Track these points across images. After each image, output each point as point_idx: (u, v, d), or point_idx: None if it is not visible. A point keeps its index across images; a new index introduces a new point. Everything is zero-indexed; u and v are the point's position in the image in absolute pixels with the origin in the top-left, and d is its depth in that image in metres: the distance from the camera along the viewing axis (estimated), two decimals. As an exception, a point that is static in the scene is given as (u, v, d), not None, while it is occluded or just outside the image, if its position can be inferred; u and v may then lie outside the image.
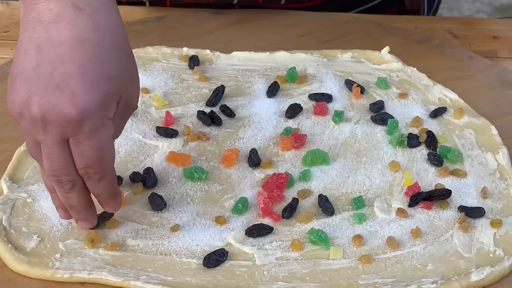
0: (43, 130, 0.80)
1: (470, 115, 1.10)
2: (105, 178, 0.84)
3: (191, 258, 0.89)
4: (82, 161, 0.82)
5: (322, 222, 0.94)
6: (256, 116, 1.10)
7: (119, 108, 0.84)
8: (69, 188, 0.84)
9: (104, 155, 0.83)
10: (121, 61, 0.84)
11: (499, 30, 1.32)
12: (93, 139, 0.81)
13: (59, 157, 0.82)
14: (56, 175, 0.83)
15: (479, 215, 0.94)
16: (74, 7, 0.80)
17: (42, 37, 0.80)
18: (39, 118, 0.79)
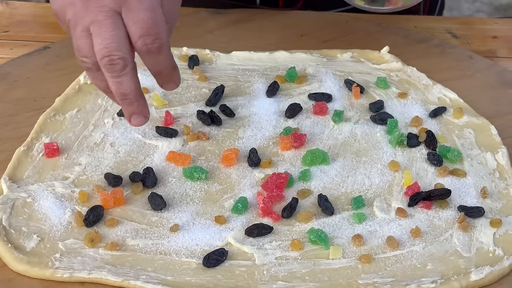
0: (96, 6, 0.82)
1: (469, 115, 1.10)
2: (163, 46, 0.84)
3: (190, 257, 0.89)
4: (138, 28, 0.83)
5: (322, 221, 0.94)
6: (256, 115, 1.10)
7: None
8: (120, 67, 0.83)
9: (158, 17, 0.83)
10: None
11: (499, 29, 1.32)
12: (144, 2, 0.82)
13: (113, 29, 0.82)
14: (108, 51, 0.82)
15: (479, 215, 0.94)
16: None
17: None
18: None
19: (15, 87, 1.15)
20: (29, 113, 1.10)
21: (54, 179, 0.99)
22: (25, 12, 1.35)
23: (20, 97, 1.13)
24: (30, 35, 1.29)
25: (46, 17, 1.34)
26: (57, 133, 1.06)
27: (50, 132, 1.06)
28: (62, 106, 1.10)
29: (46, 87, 1.15)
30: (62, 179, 0.99)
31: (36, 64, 1.20)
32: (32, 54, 1.22)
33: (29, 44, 1.26)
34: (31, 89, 1.15)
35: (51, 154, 1.02)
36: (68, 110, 1.10)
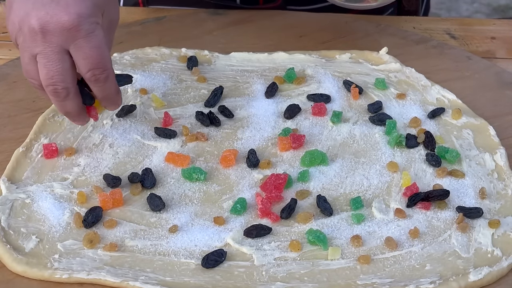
0: (43, 41, 0.90)
1: (468, 116, 1.10)
2: (110, 76, 0.94)
3: (189, 258, 0.89)
4: (87, 63, 0.92)
5: (321, 222, 0.94)
6: (255, 116, 1.10)
7: (104, 21, 0.95)
8: (64, 96, 0.93)
9: (104, 52, 0.93)
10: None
11: (497, 30, 1.32)
12: (91, 40, 0.91)
13: (57, 63, 0.91)
14: (53, 83, 0.92)
15: (477, 216, 0.94)
16: None
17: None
18: (38, 30, 0.90)
19: (14, 88, 1.15)
20: (28, 114, 1.10)
21: (53, 180, 0.99)
22: (24, 13, 1.35)
23: (19, 98, 1.14)
24: (29, 36, 1.29)
25: (45, 18, 1.34)
26: (56, 134, 1.06)
27: (49, 133, 1.06)
28: (61, 107, 1.10)
29: (45, 88, 1.15)
30: (61, 180, 0.99)
31: (35, 65, 1.20)
32: (31, 55, 1.22)
33: (28, 45, 1.26)
34: (30, 90, 1.15)
35: (50, 155, 1.02)
36: (67, 111, 1.10)
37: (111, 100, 0.98)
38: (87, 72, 0.93)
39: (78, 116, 0.97)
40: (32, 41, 0.91)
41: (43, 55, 0.91)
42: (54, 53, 0.91)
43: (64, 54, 0.91)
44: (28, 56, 0.92)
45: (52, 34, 0.90)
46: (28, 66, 0.93)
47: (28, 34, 0.91)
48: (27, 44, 0.91)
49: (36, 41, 0.90)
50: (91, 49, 0.91)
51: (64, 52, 0.91)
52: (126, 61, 1.20)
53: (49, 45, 0.90)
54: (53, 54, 0.91)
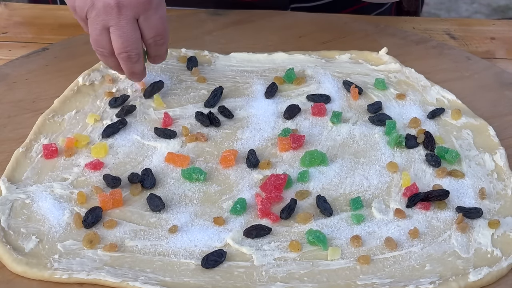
0: (118, 14, 1.00)
1: (467, 116, 1.10)
2: (166, 42, 1.07)
3: (189, 258, 0.89)
4: (152, 32, 1.04)
5: (320, 222, 0.94)
6: (254, 117, 1.10)
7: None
8: (135, 60, 1.05)
9: (166, 22, 1.05)
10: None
11: (497, 31, 1.32)
12: (158, 12, 1.03)
13: (132, 33, 1.02)
14: (128, 50, 1.03)
15: (477, 216, 0.94)
16: None
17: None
18: (114, 4, 1.00)
19: (13, 88, 1.15)
20: (27, 115, 1.10)
21: (52, 180, 0.99)
22: (24, 13, 1.35)
23: (18, 98, 1.14)
24: (28, 36, 1.29)
25: (44, 19, 1.34)
26: (55, 134, 1.06)
27: (49, 133, 1.06)
28: (61, 107, 1.10)
29: (45, 89, 1.15)
30: (61, 180, 0.99)
31: (34, 66, 1.20)
32: (30, 55, 1.22)
33: (27, 46, 1.26)
34: (30, 90, 1.15)
35: (49, 155, 1.02)
36: (66, 111, 1.10)
37: (160, 56, 1.09)
38: (150, 39, 1.04)
39: (141, 74, 1.08)
40: (106, 15, 1.00)
41: (117, 27, 1.01)
42: (128, 24, 1.01)
43: (135, 24, 1.02)
44: (100, 28, 1.02)
45: (127, 8, 1.00)
46: (100, 37, 1.03)
47: (103, 9, 1.00)
48: (100, 18, 1.01)
49: (111, 15, 1.00)
50: (158, 19, 1.03)
51: (135, 22, 1.02)
52: (126, 62, 1.20)
53: (124, 18, 1.00)
54: (127, 25, 1.01)
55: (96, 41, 1.04)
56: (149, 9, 1.02)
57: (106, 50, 1.04)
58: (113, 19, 1.01)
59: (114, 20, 1.01)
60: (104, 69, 1.17)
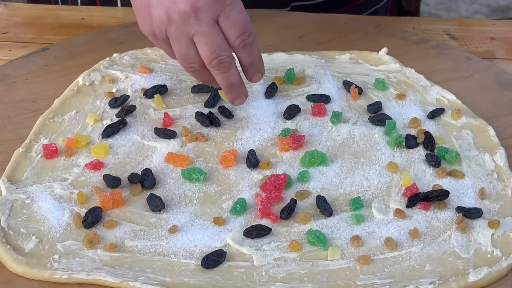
0: (196, 19, 0.96)
1: (467, 116, 1.10)
2: (255, 40, 1.00)
3: (189, 259, 0.89)
4: (236, 30, 0.97)
5: (320, 223, 0.94)
6: (254, 117, 1.10)
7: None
8: (228, 64, 0.98)
9: (247, 17, 0.99)
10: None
11: (497, 31, 1.32)
12: (236, 7, 0.97)
13: (216, 35, 0.97)
14: (217, 54, 0.97)
15: (477, 216, 0.94)
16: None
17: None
18: (190, 10, 0.96)
19: (13, 88, 1.15)
20: (27, 115, 1.10)
21: (52, 181, 0.99)
22: (24, 13, 1.35)
23: (18, 98, 1.14)
24: (28, 36, 1.29)
25: (44, 19, 1.34)
26: (55, 134, 1.06)
27: (49, 134, 1.06)
28: (61, 107, 1.10)
29: (45, 89, 1.15)
30: (61, 181, 0.99)
31: (34, 66, 1.20)
32: (30, 55, 1.22)
33: (27, 46, 1.26)
34: (30, 90, 1.15)
35: (49, 155, 1.02)
36: (66, 112, 1.10)
37: (256, 66, 1.02)
38: (236, 39, 0.98)
39: (241, 86, 1.02)
40: (185, 24, 0.96)
41: (200, 33, 0.96)
42: (210, 28, 0.96)
43: (217, 27, 0.97)
44: (185, 42, 0.98)
45: (203, 10, 0.96)
46: (187, 51, 0.98)
47: (180, 20, 0.96)
48: (180, 30, 0.97)
49: (189, 23, 0.96)
50: (237, 15, 0.97)
51: (216, 24, 0.97)
52: (126, 62, 1.20)
53: (203, 21, 0.96)
54: (208, 28, 0.96)
55: (184, 58, 1.00)
56: (224, 6, 0.97)
57: (197, 63, 1.00)
58: (193, 27, 0.97)
59: (194, 27, 0.97)
60: (104, 69, 1.17)
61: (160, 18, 0.97)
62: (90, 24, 1.32)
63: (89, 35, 1.28)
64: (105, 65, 1.18)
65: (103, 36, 1.28)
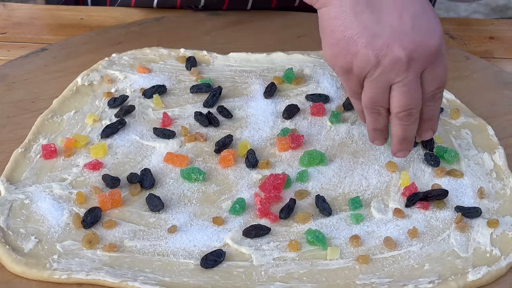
0: (406, 68, 0.89)
1: (466, 115, 1.10)
2: (442, 97, 0.95)
3: (188, 258, 0.89)
4: (435, 84, 0.92)
5: (319, 222, 0.94)
6: (253, 117, 1.10)
7: None
8: (414, 119, 0.93)
9: (447, 71, 0.93)
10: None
11: (496, 30, 1.32)
12: (442, 61, 0.92)
13: (417, 90, 0.91)
14: (409, 108, 0.91)
15: (476, 215, 0.94)
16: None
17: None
18: (404, 58, 0.88)
19: (12, 88, 1.15)
20: (26, 115, 1.10)
21: (51, 181, 0.99)
22: (23, 14, 1.35)
23: (17, 98, 1.13)
24: (27, 36, 1.29)
25: (43, 19, 1.34)
26: (54, 134, 1.06)
27: (48, 134, 1.06)
28: (60, 107, 1.10)
29: (44, 89, 1.15)
30: (60, 181, 0.99)
31: (33, 66, 1.20)
32: (29, 55, 1.22)
33: (26, 46, 1.26)
34: (29, 90, 1.15)
35: (48, 155, 1.02)
36: (65, 112, 1.10)
37: (432, 122, 0.96)
38: (431, 92, 0.92)
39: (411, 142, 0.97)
40: (393, 71, 0.89)
41: (403, 83, 0.90)
42: (415, 79, 0.90)
43: (419, 80, 0.91)
44: (384, 86, 0.91)
45: (417, 61, 0.89)
46: (382, 95, 0.92)
47: (390, 65, 0.89)
48: (385, 75, 0.90)
49: (398, 70, 0.89)
50: (442, 70, 0.92)
51: (419, 78, 0.91)
52: (125, 62, 1.20)
53: (412, 72, 0.89)
54: (414, 80, 0.90)
55: (374, 101, 0.93)
56: (436, 60, 0.90)
57: (384, 108, 0.93)
58: (400, 75, 0.89)
59: (401, 75, 0.89)
60: (103, 69, 1.17)
61: (368, 59, 0.89)
62: (89, 24, 1.32)
63: (88, 35, 1.28)
64: (104, 65, 1.18)
65: (102, 36, 1.28)
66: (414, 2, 0.90)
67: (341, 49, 0.90)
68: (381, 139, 0.98)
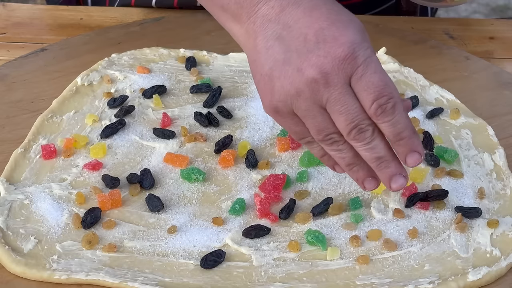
0: (326, 86, 0.82)
1: (466, 116, 1.10)
2: (398, 104, 0.82)
3: (188, 259, 0.89)
4: (370, 94, 0.82)
5: (319, 222, 0.94)
6: (253, 117, 1.10)
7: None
8: (370, 134, 0.83)
9: (386, 77, 0.83)
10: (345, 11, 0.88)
11: (496, 30, 1.32)
12: (370, 66, 0.82)
13: (352, 102, 0.82)
14: (355, 124, 0.83)
15: (476, 215, 0.94)
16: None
17: (277, 29, 0.85)
18: (318, 76, 0.82)
19: (12, 89, 1.15)
20: (26, 115, 1.10)
21: (51, 181, 0.99)
22: (22, 14, 1.35)
23: (17, 99, 1.13)
24: (27, 37, 1.29)
25: (43, 19, 1.34)
26: (54, 134, 1.06)
27: (48, 134, 1.06)
28: (60, 107, 1.10)
29: (43, 89, 1.15)
30: (60, 181, 0.99)
31: (33, 66, 1.20)
32: (29, 56, 1.22)
33: (26, 46, 1.26)
34: (28, 91, 1.15)
35: (48, 156, 1.02)
36: (65, 112, 1.10)
37: (407, 141, 0.84)
38: (371, 106, 0.82)
39: (393, 161, 0.85)
40: (314, 94, 0.82)
41: (333, 101, 0.83)
42: (343, 94, 0.82)
43: (351, 91, 0.82)
44: (318, 112, 0.84)
45: (332, 74, 0.81)
46: (322, 123, 0.84)
47: (308, 89, 0.82)
48: (311, 101, 0.83)
49: (319, 91, 0.82)
50: (370, 75, 0.82)
51: (350, 89, 0.82)
52: (125, 62, 1.20)
53: (334, 88, 0.82)
54: (341, 95, 0.82)
55: (320, 131, 0.85)
56: (357, 66, 0.82)
57: (336, 133, 0.85)
58: (324, 94, 0.82)
59: (325, 95, 0.82)
60: (102, 70, 1.17)
61: (285, 90, 0.83)
62: (89, 25, 1.32)
63: (87, 35, 1.28)
64: (103, 66, 1.18)
65: (101, 36, 1.28)
66: (320, 19, 0.83)
67: (262, 90, 0.86)
68: (389, 177, 0.86)
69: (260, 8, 0.86)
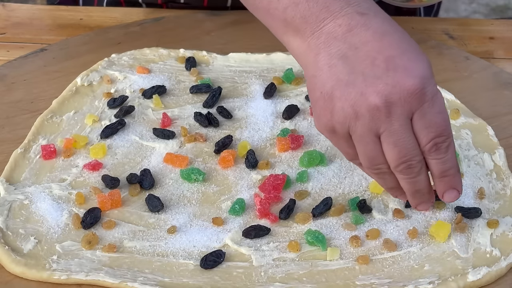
0: (387, 116, 0.81)
1: (466, 116, 1.10)
2: (451, 144, 0.84)
3: (188, 259, 0.89)
4: (431, 132, 0.82)
5: (319, 223, 0.94)
6: (253, 117, 1.10)
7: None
8: (417, 170, 0.84)
9: (447, 117, 0.83)
10: (414, 41, 0.86)
11: (496, 31, 1.32)
12: (436, 105, 0.82)
13: (409, 138, 0.82)
14: (406, 160, 0.83)
15: (476, 216, 0.94)
16: (360, 14, 0.83)
17: (342, 48, 0.82)
18: (381, 104, 0.80)
19: (12, 89, 1.15)
20: (26, 115, 1.10)
21: (51, 181, 0.99)
22: (22, 14, 1.35)
23: (17, 99, 1.13)
24: (27, 37, 1.29)
25: (43, 19, 1.34)
26: (54, 135, 1.06)
27: (47, 134, 1.06)
28: (59, 108, 1.10)
29: (43, 89, 1.15)
30: (59, 181, 0.99)
31: (33, 66, 1.20)
32: (29, 56, 1.22)
33: (26, 46, 1.26)
34: (28, 91, 1.15)
35: (48, 156, 1.02)
36: (65, 112, 1.10)
37: (450, 179, 0.86)
38: (429, 142, 0.83)
39: (428, 194, 0.88)
40: (374, 121, 0.81)
41: (391, 133, 0.82)
42: (402, 127, 0.81)
43: (410, 126, 0.82)
44: (372, 140, 0.83)
45: (397, 105, 0.80)
46: (374, 151, 0.84)
47: (369, 115, 0.81)
48: (368, 127, 0.82)
49: (379, 119, 0.81)
50: (435, 114, 0.82)
51: (409, 123, 0.82)
52: (124, 62, 1.20)
53: (396, 119, 0.81)
54: (401, 128, 0.81)
55: (370, 159, 0.85)
56: (422, 102, 0.81)
57: (385, 164, 0.85)
58: (383, 124, 0.81)
59: (384, 124, 0.81)
60: (102, 70, 1.17)
61: (344, 112, 0.82)
62: (89, 25, 1.32)
63: (87, 35, 1.28)
64: (103, 66, 1.18)
65: (101, 36, 1.28)
66: (391, 46, 0.82)
67: (321, 108, 0.84)
68: (419, 203, 0.90)
69: (326, 24, 0.84)
